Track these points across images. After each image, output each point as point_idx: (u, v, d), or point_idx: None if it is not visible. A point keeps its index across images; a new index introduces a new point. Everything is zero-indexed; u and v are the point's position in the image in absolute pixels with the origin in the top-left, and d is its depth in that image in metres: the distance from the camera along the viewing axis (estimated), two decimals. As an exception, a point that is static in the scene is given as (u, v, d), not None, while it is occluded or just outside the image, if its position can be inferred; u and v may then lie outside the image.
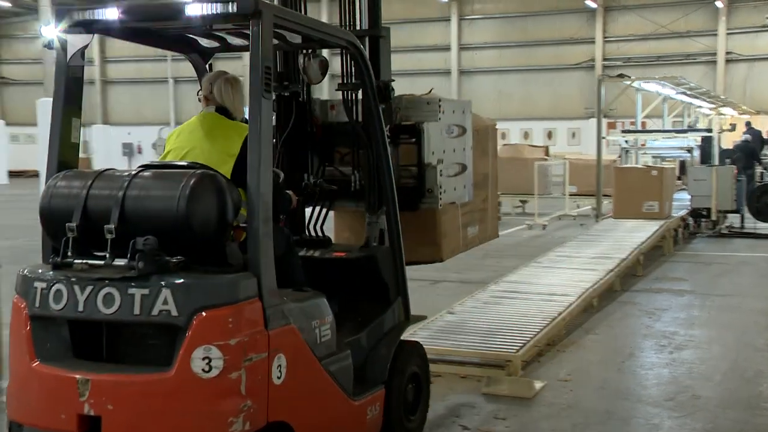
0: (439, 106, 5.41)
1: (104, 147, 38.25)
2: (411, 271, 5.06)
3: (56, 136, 3.85)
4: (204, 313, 3.29)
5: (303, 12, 5.29)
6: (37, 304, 3.48)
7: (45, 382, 3.43)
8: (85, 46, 3.91)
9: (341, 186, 5.06)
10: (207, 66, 4.74)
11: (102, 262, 3.40)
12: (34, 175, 25.95)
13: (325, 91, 9.09)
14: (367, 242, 4.89)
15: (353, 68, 5.00)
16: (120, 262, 3.37)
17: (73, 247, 3.44)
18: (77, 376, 3.33)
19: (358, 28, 5.29)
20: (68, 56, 3.85)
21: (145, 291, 3.31)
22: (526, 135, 35.23)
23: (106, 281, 3.35)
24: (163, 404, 3.30)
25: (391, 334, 4.74)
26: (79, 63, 3.93)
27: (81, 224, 3.44)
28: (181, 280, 3.34)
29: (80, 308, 3.39)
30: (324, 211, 5.12)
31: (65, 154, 3.89)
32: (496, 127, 7.02)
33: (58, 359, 3.47)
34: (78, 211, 3.46)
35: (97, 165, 26.56)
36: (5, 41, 38.76)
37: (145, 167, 3.72)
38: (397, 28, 36.78)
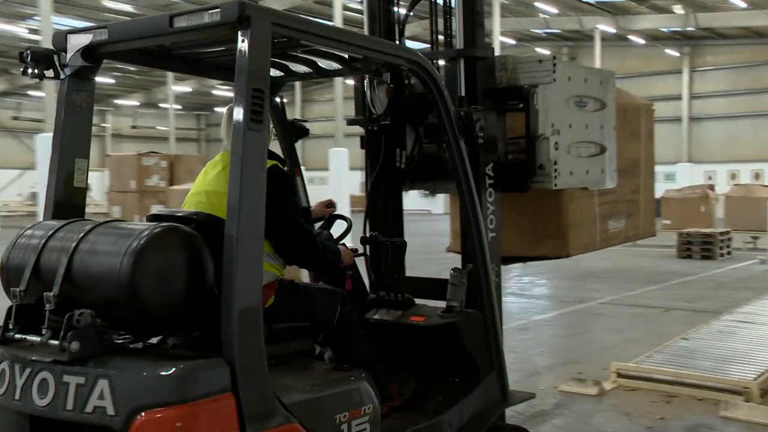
0: (554, 65, 3.85)
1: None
2: (640, 299, 4.34)
3: (54, 178, 2.83)
4: (144, 414, 2.16)
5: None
6: None
7: None
8: (90, 75, 2.91)
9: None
10: (279, 100, 3.69)
11: (38, 339, 2.35)
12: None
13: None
14: (449, 306, 3.44)
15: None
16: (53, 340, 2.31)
17: (21, 317, 2.42)
18: None
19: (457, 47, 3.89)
20: (68, 86, 2.86)
21: (80, 380, 2.25)
22: (756, 175, 32.48)
23: (43, 364, 2.32)
24: None
25: (480, 418, 3.41)
26: (84, 95, 2.90)
27: (30, 288, 2.42)
28: (120, 369, 2.25)
29: (17, 396, 2.36)
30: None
31: (67, 199, 2.85)
32: (653, 108, 5.37)
33: None
34: (27, 273, 2.43)
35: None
36: (307, 104, 41.90)
37: (109, 221, 2.66)
38: (633, 81, 35.71)
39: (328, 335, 3.07)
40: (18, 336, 2.39)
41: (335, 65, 3.40)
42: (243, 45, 2.41)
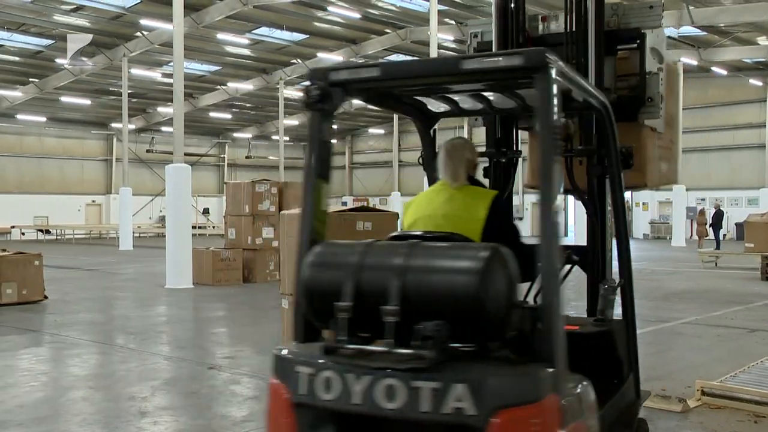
0: (662, 9, 4.09)
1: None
2: (724, 320, 4.20)
3: (309, 202, 2.86)
4: (505, 413, 2.25)
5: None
6: (302, 391, 2.51)
7: None
8: (336, 109, 2.94)
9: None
10: (431, 131, 3.69)
11: (381, 349, 2.37)
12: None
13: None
14: (602, 315, 3.48)
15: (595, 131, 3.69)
16: (400, 349, 2.35)
17: (345, 330, 2.43)
18: None
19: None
20: (319, 118, 2.86)
21: (436, 384, 2.30)
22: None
23: (388, 371, 2.35)
24: None
25: (627, 413, 3.59)
26: (329, 124, 2.94)
27: (354, 303, 2.43)
28: (480, 373, 2.33)
29: (355, 400, 2.40)
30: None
31: (317, 223, 2.89)
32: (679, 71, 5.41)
33: None
34: (348, 288, 2.44)
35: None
36: (403, 135, 42.28)
37: (402, 237, 2.74)
38: (716, 110, 34.30)
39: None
40: (347, 346, 2.40)
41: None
42: (544, 87, 2.49)
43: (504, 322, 2.40)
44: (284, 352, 2.62)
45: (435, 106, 3.50)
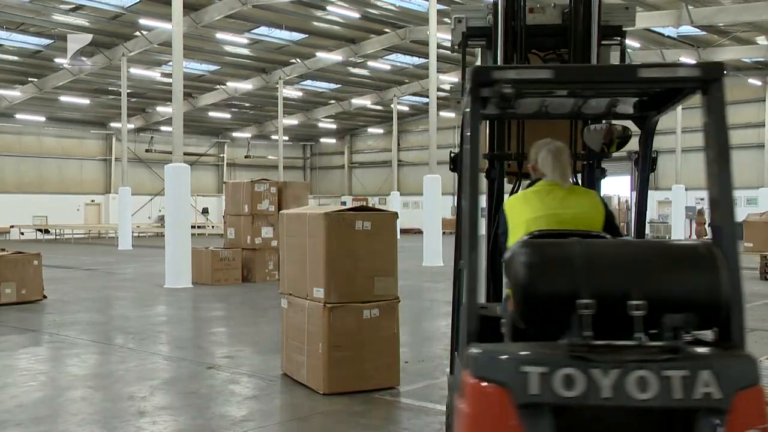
0: (636, 11, 4.41)
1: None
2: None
3: (468, 197, 2.91)
4: (742, 395, 2.46)
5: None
6: (531, 390, 2.49)
7: None
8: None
9: None
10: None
11: (632, 343, 2.53)
12: (418, 232, 27.80)
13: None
14: None
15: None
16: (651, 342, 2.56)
17: (590, 327, 2.51)
18: None
19: None
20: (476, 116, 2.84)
21: (685, 372, 2.45)
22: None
23: (638, 363, 2.47)
24: None
25: None
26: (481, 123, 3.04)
27: (597, 301, 2.51)
28: (719, 360, 2.52)
29: (605, 394, 2.45)
30: None
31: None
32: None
33: None
34: (587, 286, 2.54)
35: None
36: (402, 134, 42.27)
37: (549, 235, 2.93)
38: (713, 109, 34.31)
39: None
40: (596, 342, 2.51)
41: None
42: (719, 98, 2.67)
43: (727, 311, 2.61)
44: (482, 351, 2.58)
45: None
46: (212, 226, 37.40)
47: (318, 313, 5.71)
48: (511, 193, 3.94)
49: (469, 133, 2.81)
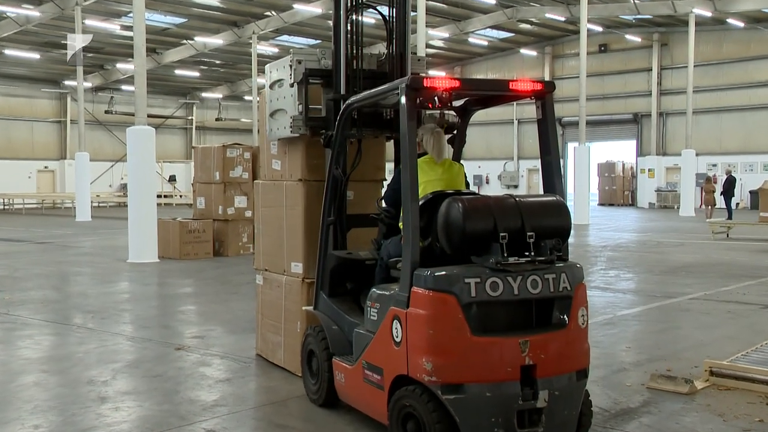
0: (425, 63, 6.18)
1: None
2: (735, 295, 4.51)
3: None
4: (580, 286, 4.16)
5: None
6: (472, 294, 3.87)
7: (489, 349, 3.89)
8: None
9: None
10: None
11: (527, 259, 3.96)
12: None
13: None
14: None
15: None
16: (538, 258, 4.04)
17: (505, 251, 3.92)
18: (519, 340, 3.92)
19: None
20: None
21: (554, 275, 4.04)
22: None
23: (533, 271, 3.98)
24: (566, 348, 4.09)
25: None
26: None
27: (509, 232, 3.96)
28: (570, 266, 4.15)
29: (515, 292, 3.95)
30: None
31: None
32: None
33: (497, 331, 3.95)
34: (502, 224, 3.97)
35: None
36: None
37: (446, 194, 4.40)
38: (731, 66, 34.31)
39: None
40: (511, 260, 3.92)
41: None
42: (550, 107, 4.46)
43: (567, 239, 4.28)
44: (443, 272, 3.92)
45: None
46: (180, 195, 37.23)
47: (296, 289, 5.71)
48: (354, 158, 5.35)
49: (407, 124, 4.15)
